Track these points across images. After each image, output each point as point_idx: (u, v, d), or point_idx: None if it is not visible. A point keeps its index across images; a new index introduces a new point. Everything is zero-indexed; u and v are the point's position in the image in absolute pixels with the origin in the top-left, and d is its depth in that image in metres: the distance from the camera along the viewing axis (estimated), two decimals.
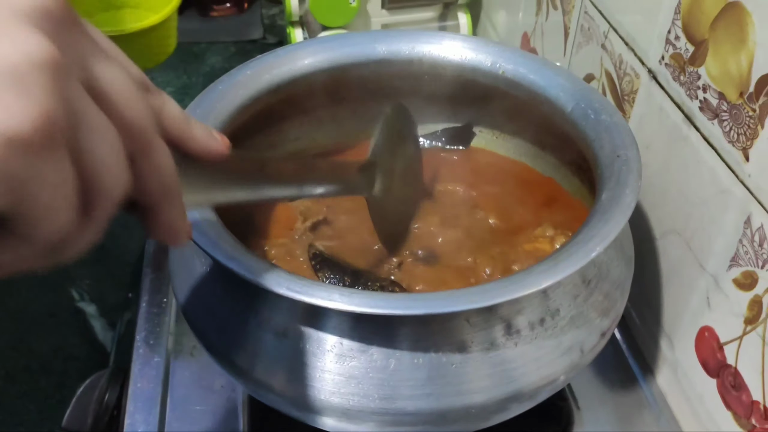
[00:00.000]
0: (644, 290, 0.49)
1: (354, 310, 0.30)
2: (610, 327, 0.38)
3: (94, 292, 0.64)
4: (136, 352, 0.49)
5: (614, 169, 0.37)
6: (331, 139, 0.53)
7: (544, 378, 0.35)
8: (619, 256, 0.39)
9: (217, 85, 0.43)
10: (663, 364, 0.48)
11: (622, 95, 0.50)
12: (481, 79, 0.47)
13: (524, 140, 0.52)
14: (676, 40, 0.43)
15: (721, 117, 0.39)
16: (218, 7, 1.00)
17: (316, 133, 0.52)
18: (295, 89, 0.46)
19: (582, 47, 0.56)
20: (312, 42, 0.47)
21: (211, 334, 0.37)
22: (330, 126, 0.52)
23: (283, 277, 0.31)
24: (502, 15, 0.75)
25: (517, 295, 0.31)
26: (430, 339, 0.33)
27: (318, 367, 0.34)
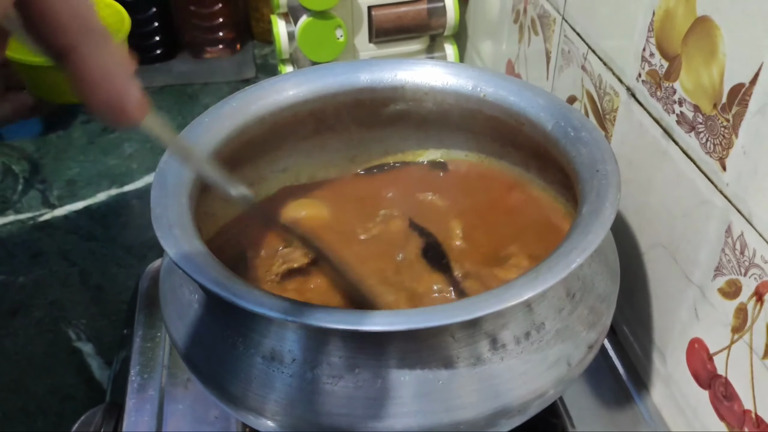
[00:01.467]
0: (634, 305, 0.49)
1: (336, 327, 0.31)
2: (597, 340, 0.38)
3: (91, 331, 0.64)
4: (130, 386, 0.49)
5: (594, 183, 0.38)
6: (319, 168, 0.53)
7: (531, 392, 0.35)
8: (603, 270, 0.40)
9: (203, 117, 0.44)
10: (656, 379, 0.48)
11: (604, 114, 0.51)
12: (464, 103, 0.48)
13: (510, 162, 0.52)
14: (651, 57, 0.44)
15: (697, 129, 0.40)
16: (211, 48, 1.02)
17: (305, 163, 0.53)
18: (281, 120, 0.47)
19: (563, 70, 0.57)
20: (296, 73, 0.48)
21: (201, 362, 0.37)
22: (318, 155, 0.53)
23: (264, 297, 0.32)
24: (488, 44, 0.76)
25: (499, 307, 0.31)
26: (415, 356, 0.33)
27: (306, 388, 0.34)
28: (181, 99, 0.96)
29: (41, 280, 0.69)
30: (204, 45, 1.02)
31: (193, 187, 0.40)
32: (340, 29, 0.74)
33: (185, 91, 0.97)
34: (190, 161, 0.36)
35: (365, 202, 0.51)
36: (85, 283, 0.69)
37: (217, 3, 1.00)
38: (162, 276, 0.42)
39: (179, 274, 0.40)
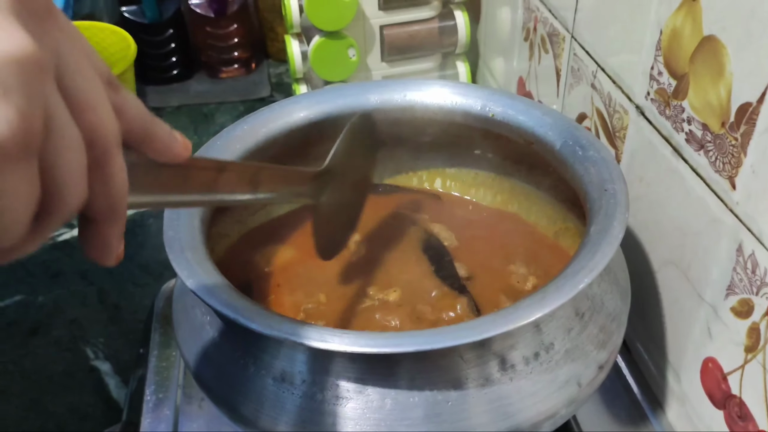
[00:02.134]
0: (648, 323, 0.49)
1: (346, 350, 0.31)
2: (608, 360, 0.38)
3: (109, 350, 0.65)
4: (146, 405, 0.49)
5: (602, 202, 0.38)
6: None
7: (542, 413, 0.35)
8: (613, 289, 0.40)
9: (216, 140, 0.45)
10: (671, 398, 0.47)
11: (614, 132, 0.51)
12: (473, 123, 0.49)
13: (520, 180, 0.52)
14: (659, 75, 0.44)
15: (706, 147, 0.40)
16: (227, 68, 1.04)
17: None
18: (293, 141, 0.48)
19: (573, 88, 0.57)
20: (307, 95, 0.49)
21: (213, 383, 0.38)
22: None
23: (274, 320, 0.32)
24: (499, 62, 0.77)
25: (506, 328, 0.31)
26: (425, 377, 0.33)
27: (316, 409, 0.34)
28: (198, 118, 0.97)
29: (60, 299, 0.70)
30: (220, 65, 1.04)
31: (205, 209, 0.41)
32: (353, 49, 0.74)
33: (201, 110, 0.99)
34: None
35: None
36: (103, 302, 0.70)
37: (232, 23, 1.01)
38: (175, 297, 0.43)
39: (191, 295, 0.40)
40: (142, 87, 1.02)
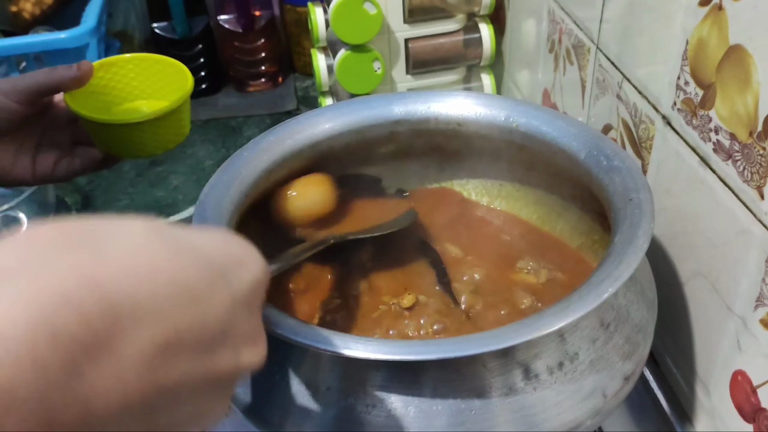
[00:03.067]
0: (676, 336, 0.48)
1: (370, 357, 0.31)
2: (634, 371, 0.37)
3: None
4: None
5: (627, 212, 0.38)
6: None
7: (566, 423, 0.34)
8: (639, 300, 0.39)
9: (242, 151, 0.46)
10: (700, 412, 0.47)
11: (640, 142, 0.50)
12: (497, 134, 0.49)
13: (545, 191, 0.52)
14: (685, 85, 0.44)
15: (734, 157, 0.40)
16: (254, 82, 1.05)
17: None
18: (318, 152, 0.49)
19: (599, 99, 0.57)
20: (332, 107, 0.50)
21: (239, 390, 0.38)
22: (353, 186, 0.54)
23: (300, 327, 0.33)
24: (524, 74, 0.77)
25: (530, 337, 0.31)
26: (448, 385, 0.33)
27: (340, 417, 0.34)
28: (226, 131, 0.98)
29: None
30: (247, 79, 1.05)
31: (231, 218, 0.41)
32: (378, 62, 0.75)
33: (229, 123, 1.00)
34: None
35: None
36: None
37: (260, 38, 1.03)
38: None
39: None
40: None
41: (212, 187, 0.42)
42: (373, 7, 0.71)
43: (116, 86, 0.54)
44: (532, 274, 0.47)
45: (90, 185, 0.89)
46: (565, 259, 0.48)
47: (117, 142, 0.50)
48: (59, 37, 0.80)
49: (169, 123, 0.50)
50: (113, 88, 0.53)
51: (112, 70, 0.53)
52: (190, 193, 0.86)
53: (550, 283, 0.46)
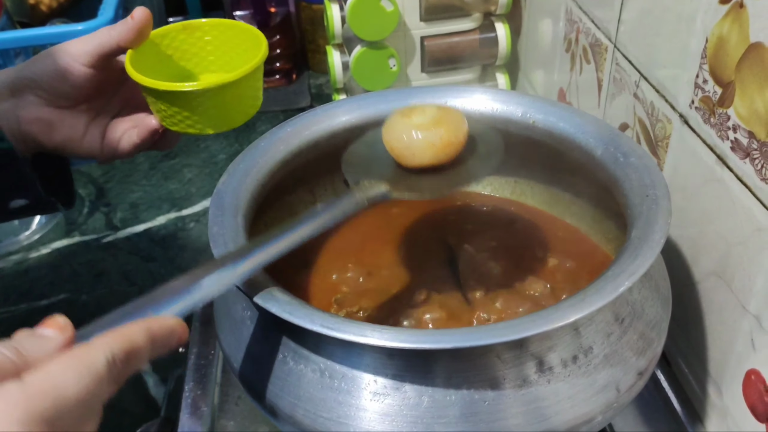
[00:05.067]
0: (689, 335, 0.48)
1: (385, 345, 0.31)
2: (647, 367, 0.37)
3: None
4: (184, 401, 0.50)
5: (643, 208, 0.38)
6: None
7: (579, 417, 0.34)
8: (654, 296, 0.39)
9: (259, 141, 0.46)
10: (712, 412, 0.46)
11: (656, 141, 0.50)
12: (514, 130, 0.49)
13: (560, 189, 0.52)
14: (704, 83, 0.44)
15: (752, 156, 0.40)
16: (268, 79, 1.05)
17: None
18: (334, 145, 0.49)
19: (615, 98, 0.57)
20: (349, 100, 0.50)
21: (253, 377, 0.38)
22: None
23: (316, 315, 0.33)
24: (539, 73, 0.77)
25: (545, 329, 0.31)
26: (462, 376, 0.33)
27: (354, 405, 0.34)
28: (239, 127, 0.99)
29: (103, 298, 0.72)
30: None
31: (248, 207, 0.42)
32: (393, 59, 0.75)
33: None
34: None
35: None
36: None
37: (275, 35, 1.03)
38: None
39: (232, 291, 0.41)
40: None
41: (230, 175, 0.42)
42: (390, 4, 0.71)
43: (187, 54, 0.47)
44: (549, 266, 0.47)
45: (104, 177, 0.90)
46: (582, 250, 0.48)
47: (179, 114, 0.43)
48: (75, 29, 0.80)
49: (239, 92, 0.44)
50: (184, 55, 0.47)
51: (195, 35, 0.47)
52: (203, 187, 0.87)
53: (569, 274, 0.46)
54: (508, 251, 0.49)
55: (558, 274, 0.47)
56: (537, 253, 0.49)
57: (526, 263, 0.48)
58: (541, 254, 0.49)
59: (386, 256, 0.49)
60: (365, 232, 0.51)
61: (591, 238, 0.50)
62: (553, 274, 0.47)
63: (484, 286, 0.46)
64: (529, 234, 0.51)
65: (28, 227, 0.80)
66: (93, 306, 0.71)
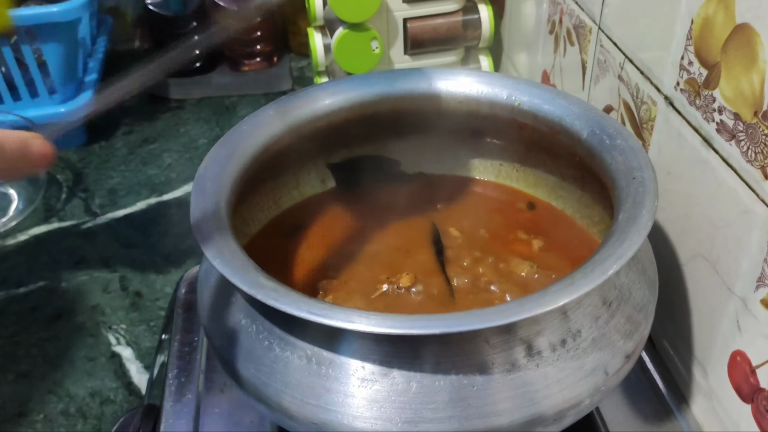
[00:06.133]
0: (674, 317, 0.48)
1: (373, 330, 0.31)
2: (634, 350, 0.37)
3: (130, 336, 0.65)
4: (168, 389, 0.49)
5: (630, 190, 0.38)
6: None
7: (567, 400, 0.34)
8: (641, 279, 0.39)
9: (241, 125, 0.45)
10: (698, 393, 0.47)
11: (641, 123, 0.50)
12: (499, 112, 0.48)
13: (545, 172, 0.52)
14: (689, 65, 0.43)
15: (738, 137, 0.39)
16: (249, 61, 1.04)
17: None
18: (317, 129, 0.48)
19: (599, 80, 0.57)
20: (332, 83, 0.49)
21: (238, 364, 0.38)
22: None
23: (303, 301, 0.32)
24: (523, 56, 0.76)
25: (534, 313, 0.31)
26: (450, 361, 0.33)
27: (341, 391, 0.34)
28: (219, 110, 0.97)
29: (83, 285, 0.71)
30: (242, 58, 1.04)
31: (231, 193, 0.41)
32: (376, 41, 0.74)
33: (223, 102, 0.99)
34: None
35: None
36: (125, 289, 0.70)
37: None
38: (200, 280, 0.43)
39: (217, 277, 0.40)
40: (164, 79, 1.02)
41: (211, 160, 0.42)
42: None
43: None
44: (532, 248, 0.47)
45: (81, 163, 0.88)
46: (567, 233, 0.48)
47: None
48: (51, 11, 0.79)
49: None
50: None
51: None
52: (184, 172, 0.85)
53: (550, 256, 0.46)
54: (493, 234, 0.49)
55: (543, 257, 0.47)
56: (520, 235, 0.49)
57: (510, 246, 0.48)
58: (525, 237, 0.49)
59: (371, 240, 0.49)
60: (350, 216, 0.51)
61: (577, 222, 0.50)
62: (539, 257, 0.47)
63: (468, 269, 0.46)
64: (514, 217, 0.51)
65: (4, 213, 0.79)
66: (73, 293, 0.70)
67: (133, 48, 1.13)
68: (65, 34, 0.82)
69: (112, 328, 0.66)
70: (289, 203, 0.52)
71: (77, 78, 0.88)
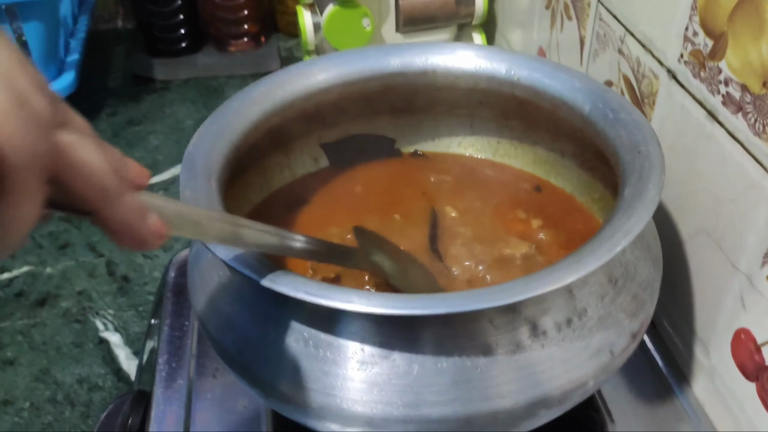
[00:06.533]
0: (675, 296, 0.47)
1: (372, 311, 0.30)
2: (640, 329, 0.36)
3: (118, 321, 0.64)
4: (158, 375, 0.48)
5: (636, 165, 0.37)
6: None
7: (573, 381, 0.33)
8: (646, 257, 0.38)
9: (231, 102, 0.43)
10: (699, 372, 0.46)
11: (642, 98, 0.49)
12: (497, 88, 0.47)
13: (544, 149, 0.51)
14: (694, 36, 0.42)
15: (745, 110, 0.38)
16: (236, 42, 1.02)
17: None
18: (310, 105, 0.46)
19: (598, 55, 0.55)
20: (325, 58, 0.47)
21: (232, 349, 0.36)
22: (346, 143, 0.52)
23: (300, 281, 0.31)
24: (517, 32, 0.75)
25: (540, 291, 0.30)
26: (453, 342, 0.32)
27: (340, 375, 0.33)
28: (206, 91, 0.95)
29: (68, 270, 0.69)
30: (229, 38, 1.02)
31: (222, 171, 0.39)
32: (367, 18, 0.73)
33: (210, 83, 0.97)
34: (241, 240, 0.31)
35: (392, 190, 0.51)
36: (112, 273, 0.68)
37: None
38: (191, 263, 0.41)
39: (208, 259, 0.39)
40: (149, 60, 1.00)
41: (201, 138, 0.40)
42: None
43: None
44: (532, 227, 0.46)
45: None
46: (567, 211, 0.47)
47: None
48: None
49: None
50: None
51: None
52: (171, 154, 0.83)
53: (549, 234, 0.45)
54: (491, 212, 0.48)
55: (543, 236, 0.46)
56: (519, 214, 0.48)
57: (509, 225, 0.47)
58: (524, 216, 0.48)
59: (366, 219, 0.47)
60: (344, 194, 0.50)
61: (577, 199, 0.49)
62: (538, 237, 0.46)
63: (466, 248, 0.45)
64: (513, 195, 0.49)
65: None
66: (58, 278, 0.68)
67: (116, 27, 1.11)
68: (46, 12, 0.80)
69: (100, 313, 0.65)
70: (280, 183, 0.51)
71: (58, 58, 0.86)
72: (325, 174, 0.52)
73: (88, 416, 0.57)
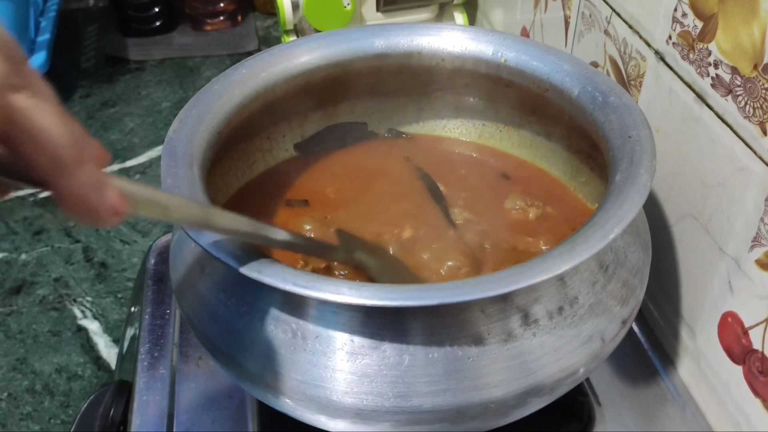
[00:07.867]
0: (661, 280, 0.47)
1: (363, 303, 0.29)
2: (630, 315, 0.36)
3: (96, 308, 0.63)
4: (140, 364, 0.47)
5: (626, 150, 0.36)
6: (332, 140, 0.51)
7: (564, 369, 0.33)
8: (636, 242, 0.38)
9: (212, 85, 0.42)
10: (684, 355, 0.46)
11: (629, 80, 0.48)
12: (483, 70, 0.46)
13: (531, 132, 0.50)
14: (683, 17, 0.42)
15: (735, 92, 0.38)
16: (212, 21, 0.99)
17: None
18: (294, 87, 0.45)
19: (584, 36, 0.55)
20: (308, 39, 0.46)
21: (217, 340, 0.35)
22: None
23: (288, 272, 0.30)
24: (499, 12, 0.74)
25: (533, 281, 0.30)
26: (444, 332, 0.31)
27: (329, 366, 0.32)
28: (183, 72, 0.93)
29: (44, 257, 0.67)
30: (204, 17, 0.99)
31: (204, 158, 0.38)
32: None
33: (186, 63, 0.95)
34: (212, 225, 0.30)
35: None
36: (89, 260, 0.67)
37: None
38: (172, 249, 0.40)
39: (191, 247, 0.38)
40: (123, 39, 0.97)
41: (182, 122, 0.39)
42: None
43: None
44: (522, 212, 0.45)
45: None
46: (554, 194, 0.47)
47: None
48: None
49: None
50: None
51: None
52: (147, 137, 0.82)
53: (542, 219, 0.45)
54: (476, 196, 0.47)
55: (532, 220, 0.45)
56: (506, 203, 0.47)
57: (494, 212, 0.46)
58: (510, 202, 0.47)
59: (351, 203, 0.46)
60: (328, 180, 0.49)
61: (563, 183, 0.48)
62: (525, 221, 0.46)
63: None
64: (498, 178, 0.49)
65: None
66: (34, 265, 0.67)
67: (88, 6, 1.07)
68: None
69: (77, 300, 0.63)
70: (262, 167, 0.50)
71: (28, 38, 0.83)
72: (308, 159, 0.51)
73: (68, 406, 0.56)
